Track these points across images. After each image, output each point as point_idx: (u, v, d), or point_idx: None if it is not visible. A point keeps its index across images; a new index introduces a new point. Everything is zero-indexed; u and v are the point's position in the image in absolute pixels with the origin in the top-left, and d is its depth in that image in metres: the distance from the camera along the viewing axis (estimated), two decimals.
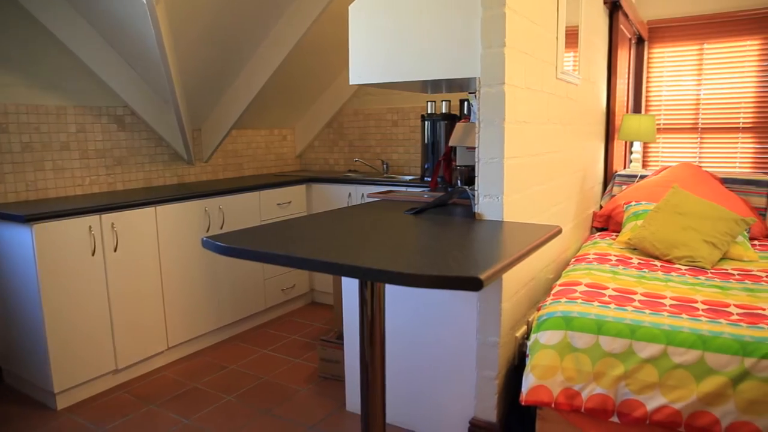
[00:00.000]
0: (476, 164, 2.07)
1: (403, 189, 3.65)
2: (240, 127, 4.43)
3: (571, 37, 2.95)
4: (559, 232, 1.85)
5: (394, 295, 2.39)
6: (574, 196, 3.15)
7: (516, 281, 2.26)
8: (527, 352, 2.08)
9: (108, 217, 2.82)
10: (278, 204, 3.94)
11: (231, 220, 3.56)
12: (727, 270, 2.63)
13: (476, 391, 2.22)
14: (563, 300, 2.15)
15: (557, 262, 2.88)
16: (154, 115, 3.57)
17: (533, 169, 2.37)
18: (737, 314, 2.01)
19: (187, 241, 3.26)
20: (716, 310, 2.06)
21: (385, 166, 4.65)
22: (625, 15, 4.13)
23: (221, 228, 3.49)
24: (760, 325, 1.90)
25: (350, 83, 2.37)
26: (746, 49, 5.02)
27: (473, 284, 1.21)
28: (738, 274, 2.55)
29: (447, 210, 2.31)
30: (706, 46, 5.13)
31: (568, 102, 2.88)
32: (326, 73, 4.61)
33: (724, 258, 2.81)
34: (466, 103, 3.54)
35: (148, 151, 3.66)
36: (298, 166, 5.14)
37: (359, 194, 4.00)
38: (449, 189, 2.79)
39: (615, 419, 1.93)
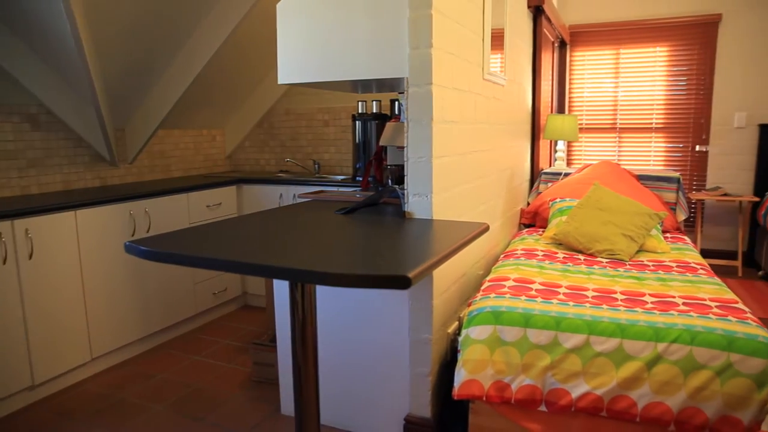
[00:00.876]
0: (405, 163, 2.10)
1: (335, 189, 3.65)
2: (167, 127, 4.29)
3: (497, 40, 3.03)
4: (487, 229, 1.90)
5: (326, 295, 2.38)
6: (502, 193, 3.24)
7: (447, 278, 2.30)
8: (459, 348, 2.13)
9: (21, 223, 2.66)
10: (208, 206, 3.85)
11: (158, 224, 3.44)
12: (643, 261, 2.78)
13: (410, 388, 2.25)
14: (492, 295, 2.21)
15: (487, 258, 2.95)
16: (72, 114, 3.40)
17: (461, 168, 2.42)
18: (651, 303, 2.13)
19: (110, 247, 3.12)
20: (633, 299, 2.18)
21: (316, 166, 4.63)
22: (548, 19, 4.29)
23: (147, 232, 3.37)
24: (671, 312, 2.02)
25: (279, 83, 2.35)
26: (657, 54, 5.33)
27: (401, 282, 1.23)
28: (652, 265, 2.70)
29: (378, 209, 2.32)
30: (621, 51, 5.40)
31: (494, 102, 2.96)
32: (256, 72, 4.54)
33: (641, 250, 2.97)
34: (396, 102, 3.57)
35: (67, 152, 3.48)
36: (228, 167, 5.03)
37: (290, 195, 3.96)
38: (380, 188, 2.80)
39: (543, 408, 2.00)
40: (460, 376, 2.06)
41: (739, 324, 1.92)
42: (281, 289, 2.55)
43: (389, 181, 2.75)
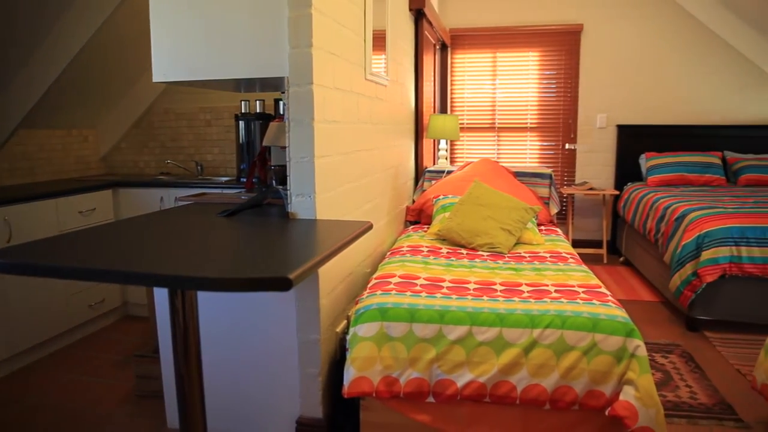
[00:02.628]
0: (287, 163, 2.08)
1: (219, 191, 3.53)
2: (30, 127, 3.93)
3: (380, 41, 3.08)
4: (370, 227, 1.93)
5: (209, 300, 2.30)
6: (387, 192, 3.30)
7: (333, 277, 2.31)
8: (347, 346, 2.14)
9: None
10: (80, 212, 3.58)
11: (21, 233, 3.15)
12: (520, 253, 2.96)
13: (300, 389, 2.23)
14: (378, 292, 2.25)
15: (373, 256, 3.00)
16: None
17: (345, 167, 2.44)
18: (527, 292, 2.27)
19: None
20: (511, 290, 2.31)
21: (199, 167, 4.46)
22: (429, 22, 4.42)
23: (8, 242, 3.08)
24: (544, 299, 2.17)
25: (153, 80, 2.23)
26: (529, 59, 5.68)
27: (282, 284, 1.21)
28: (529, 256, 2.88)
29: (261, 211, 2.28)
30: (498, 54, 5.70)
31: (377, 102, 3.01)
32: (131, 69, 4.28)
33: (518, 243, 3.15)
34: (280, 102, 3.52)
35: None
36: (103, 170, 4.71)
37: (172, 198, 3.78)
38: (263, 189, 2.76)
39: (431, 399, 2.07)
40: (350, 374, 2.08)
41: (601, 306, 2.10)
42: (162, 296, 2.43)
43: (273, 181, 2.71)
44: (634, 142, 5.50)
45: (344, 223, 1.97)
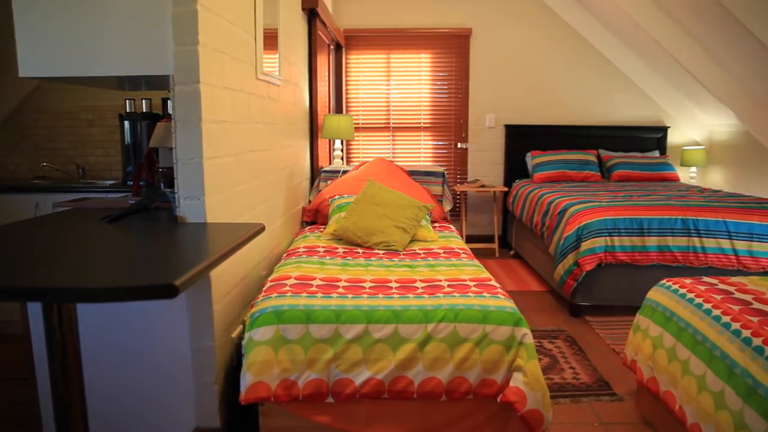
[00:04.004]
0: (174, 166, 1.99)
1: (103, 195, 3.32)
2: None
3: (272, 40, 3.03)
4: (263, 229, 1.89)
5: (92, 313, 2.15)
6: (282, 192, 3.26)
7: (227, 282, 2.25)
8: (243, 352, 2.09)
9: None
10: None
11: None
12: (415, 250, 3.03)
13: (196, 399, 2.14)
14: (274, 295, 2.21)
15: (269, 258, 2.95)
16: None
17: (237, 169, 2.38)
18: (422, 288, 2.34)
19: None
20: (406, 286, 2.36)
21: (80, 171, 4.16)
22: (323, 22, 4.41)
23: None
24: (437, 294, 2.24)
25: (20, 75, 2.05)
26: (422, 60, 5.83)
27: (168, 291, 1.16)
28: (423, 253, 2.96)
29: (149, 215, 2.17)
30: (392, 55, 5.80)
31: (270, 102, 2.96)
32: None
33: (413, 240, 3.23)
34: (168, 101, 3.37)
35: None
36: None
37: (49, 204, 3.50)
38: (150, 193, 2.63)
39: (330, 400, 2.07)
40: (246, 380, 2.03)
41: (491, 299, 2.20)
42: (37, 312, 2.24)
43: (162, 184, 2.59)
44: (521, 141, 5.81)
45: (236, 225, 1.92)
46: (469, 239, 5.85)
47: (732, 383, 1.90)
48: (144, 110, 3.64)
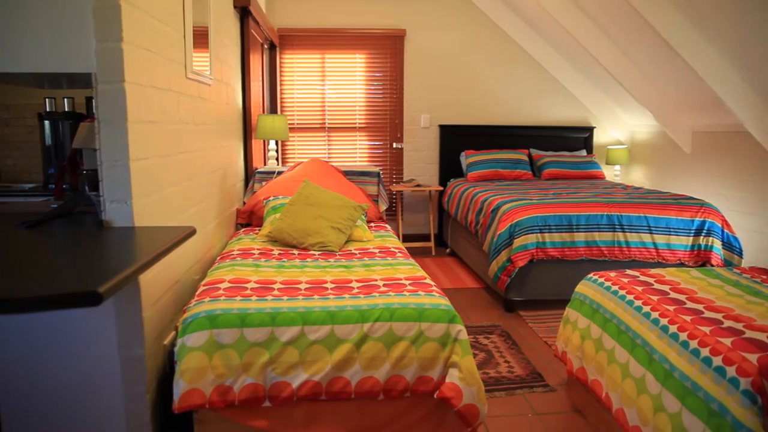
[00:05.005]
0: (98, 168, 1.91)
1: (22, 200, 3.14)
2: None
3: (202, 38, 2.96)
4: (193, 232, 1.85)
5: (8, 322, 2.03)
6: (215, 194, 3.19)
7: (158, 287, 2.17)
8: (176, 359, 2.03)
9: None
10: None
11: None
12: (351, 250, 3.03)
13: (126, 410, 2.06)
14: (207, 299, 2.16)
15: (202, 261, 2.88)
16: None
17: (166, 170, 2.31)
18: (357, 288, 2.34)
19: None
20: (342, 287, 2.36)
21: None
22: (256, 21, 4.34)
23: None
24: (373, 294, 2.25)
25: None
26: (357, 60, 5.84)
27: (91, 299, 1.12)
28: (359, 253, 2.96)
29: (73, 220, 2.07)
30: (327, 55, 5.78)
31: (201, 102, 2.89)
32: None
33: (349, 240, 3.23)
34: (93, 101, 3.23)
35: None
36: None
37: None
38: (73, 196, 2.51)
39: (267, 404, 2.04)
40: (179, 387, 1.98)
41: (426, 297, 2.23)
42: None
43: (86, 187, 2.48)
44: (455, 140, 5.93)
45: (165, 229, 1.86)
46: (406, 238, 5.91)
47: (652, 369, 2.01)
48: (66, 109, 3.46)
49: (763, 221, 4.24)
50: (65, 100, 3.49)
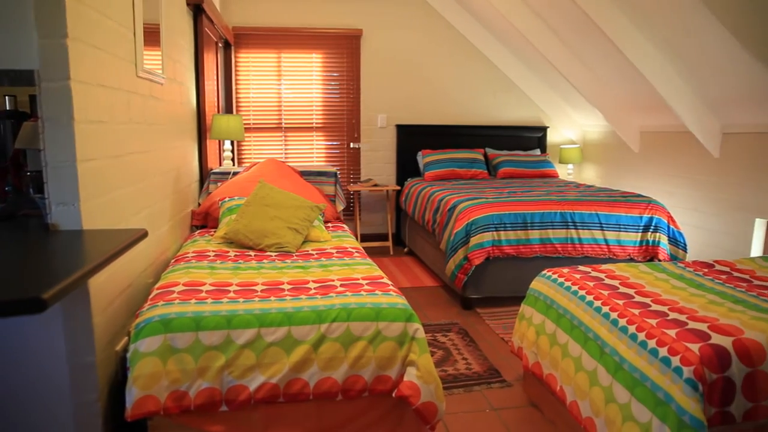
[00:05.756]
0: (44, 169, 1.85)
1: None
2: None
3: (154, 36, 2.89)
4: (145, 235, 1.80)
5: None
6: (169, 196, 3.12)
7: (109, 291, 2.12)
8: (129, 365, 1.98)
9: None
10: None
11: None
12: (308, 251, 3.02)
13: (76, 420, 2.00)
14: (160, 303, 2.12)
15: (156, 265, 2.81)
16: None
17: (116, 172, 2.25)
18: (314, 288, 2.33)
19: None
20: (298, 288, 2.34)
21: None
22: (210, 19, 4.27)
23: None
24: (330, 294, 2.25)
25: None
26: (313, 60, 5.81)
27: (34, 306, 1.08)
28: (316, 254, 2.95)
29: (15, 224, 2.00)
30: (283, 55, 5.73)
31: (153, 101, 2.82)
32: None
33: (306, 241, 3.21)
34: (37, 99, 3.11)
35: None
36: None
37: None
38: (16, 199, 2.42)
39: (224, 408, 2.01)
40: (132, 394, 1.93)
41: (383, 296, 2.24)
42: None
43: (30, 189, 2.39)
44: (412, 140, 5.96)
45: (115, 232, 1.81)
46: (364, 238, 5.91)
47: (603, 361, 2.08)
48: (8, 108, 3.32)
49: (706, 217, 4.43)
50: (6, 98, 3.36)
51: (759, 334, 1.83)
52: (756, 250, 4.01)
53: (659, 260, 4.05)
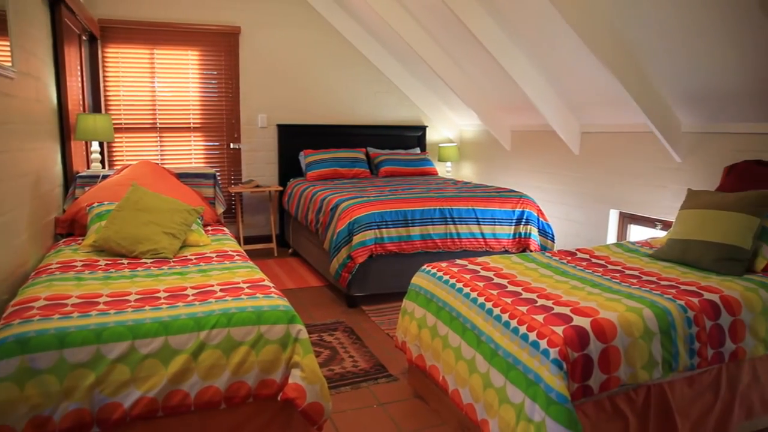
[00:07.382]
0: None
1: None
2: None
3: (1, 25, 2.63)
4: None
5: None
6: (26, 202, 2.85)
7: None
8: None
9: None
10: None
11: None
12: (186, 256, 2.90)
13: None
14: (16, 321, 1.92)
15: (12, 279, 2.56)
16: None
17: None
18: (193, 295, 2.24)
19: None
20: (175, 295, 2.24)
21: None
22: (71, 9, 3.95)
23: None
24: (209, 300, 2.17)
25: None
26: (189, 57, 5.58)
27: None
28: (195, 259, 2.84)
29: None
30: (156, 51, 5.44)
31: (2, 98, 2.57)
32: None
33: (185, 245, 3.08)
34: None
35: None
36: None
37: None
38: None
39: (96, 429, 1.88)
40: None
41: (264, 299, 2.20)
42: None
43: None
44: (294, 140, 5.91)
45: None
46: (247, 240, 5.77)
47: (480, 350, 2.19)
48: None
49: (569, 209, 4.81)
50: None
51: (612, 314, 2.03)
52: (611, 238, 4.42)
53: (530, 251, 4.34)
